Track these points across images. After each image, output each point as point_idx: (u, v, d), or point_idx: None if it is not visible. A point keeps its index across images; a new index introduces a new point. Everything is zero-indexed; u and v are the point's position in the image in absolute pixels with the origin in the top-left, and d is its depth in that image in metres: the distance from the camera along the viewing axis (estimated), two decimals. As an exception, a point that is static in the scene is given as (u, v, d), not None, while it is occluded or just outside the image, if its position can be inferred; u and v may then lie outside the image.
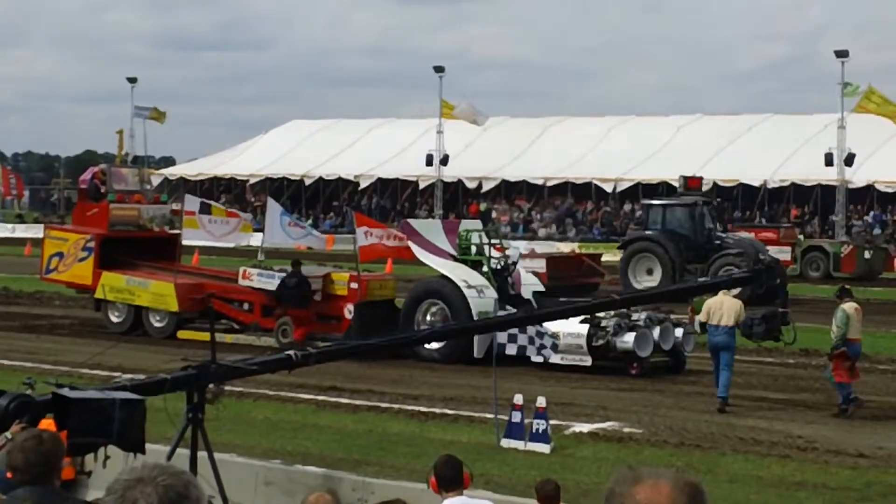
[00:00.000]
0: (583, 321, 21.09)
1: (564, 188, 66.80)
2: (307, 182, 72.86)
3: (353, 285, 24.45)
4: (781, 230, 46.60)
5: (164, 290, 26.10)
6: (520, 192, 68.82)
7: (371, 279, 25.31)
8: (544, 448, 14.99)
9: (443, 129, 64.12)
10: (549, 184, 66.81)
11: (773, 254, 34.53)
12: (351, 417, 17.49)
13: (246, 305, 25.85)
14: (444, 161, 64.88)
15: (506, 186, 68.34)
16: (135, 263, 27.36)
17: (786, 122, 65.52)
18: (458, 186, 68.15)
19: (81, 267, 27.15)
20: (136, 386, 8.81)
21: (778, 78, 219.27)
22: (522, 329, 18.96)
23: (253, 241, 29.51)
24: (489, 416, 16.27)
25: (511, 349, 21.72)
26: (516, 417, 15.30)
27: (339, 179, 72.34)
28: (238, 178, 75.54)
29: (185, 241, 26.88)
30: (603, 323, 21.42)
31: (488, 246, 24.69)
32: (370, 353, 19.34)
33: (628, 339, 21.31)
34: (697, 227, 37.24)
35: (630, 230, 46.39)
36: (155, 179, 68.62)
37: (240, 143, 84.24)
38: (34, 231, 54.79)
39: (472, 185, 68.17)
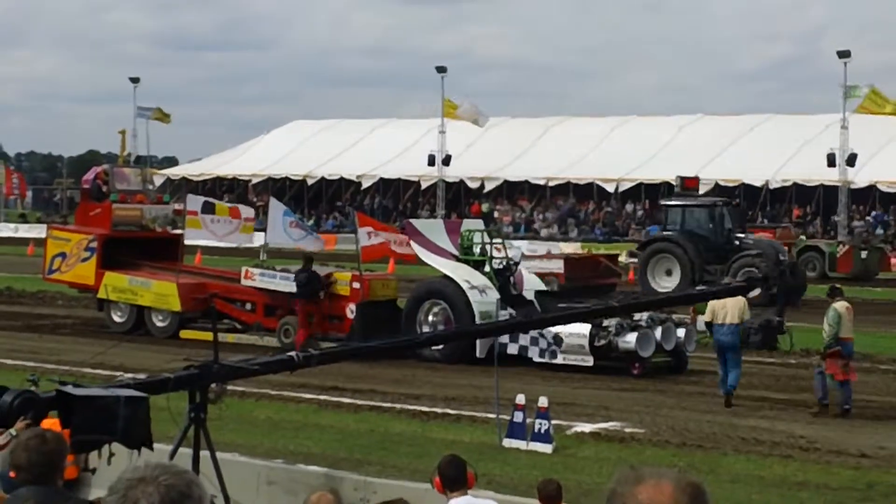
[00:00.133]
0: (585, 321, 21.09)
1: (566, 188, 66.80)
2: (309, 182, 72.87)
3: (356, 285, 24.47)
4: (778, 230, 46.52)
5: (166, 289, 26.13)
6: (522, 193, 68.83)
7: (373, 279, 25.29)
8: (546, 448, 15.00)
9: (445, 130, 64.16)
10: (551, 184, 66.80)
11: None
12: (353, 417, 17.51)
13: (248, 305, 25.88)
14: (447, 161, 64.90)
15: (508, 186, 68.34)
16: (137, 263, 27.39)
17: (787, 122, 65.46)
18: (460, 186, 68.15)
19: (84, 267, 27.18)
20: (138, 385, 8.79)
21: (779, 78, 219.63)
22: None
23: (254, 241, 29.41)
24: (491, 415, 16.27)
25: (513, 349, 21.78)
26: (518, 417, 15.30)
27: (342, 179, 72.34)
28: (240, 178, 75.55)
29: (188, 241, 26.89)
30: (605, 323, 21.39)
31: (490, 246, 24.69)
32: (372, 355, 19.33)
33: (630, 339, 21.30)
34: (717, 228, 36.89)
35: (632, 230, 46.32)
36: (157, 179, 68.54)
37: (240, 143, 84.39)
38: (37, 231, 54.83)
39: (474, 185, 68.17)
